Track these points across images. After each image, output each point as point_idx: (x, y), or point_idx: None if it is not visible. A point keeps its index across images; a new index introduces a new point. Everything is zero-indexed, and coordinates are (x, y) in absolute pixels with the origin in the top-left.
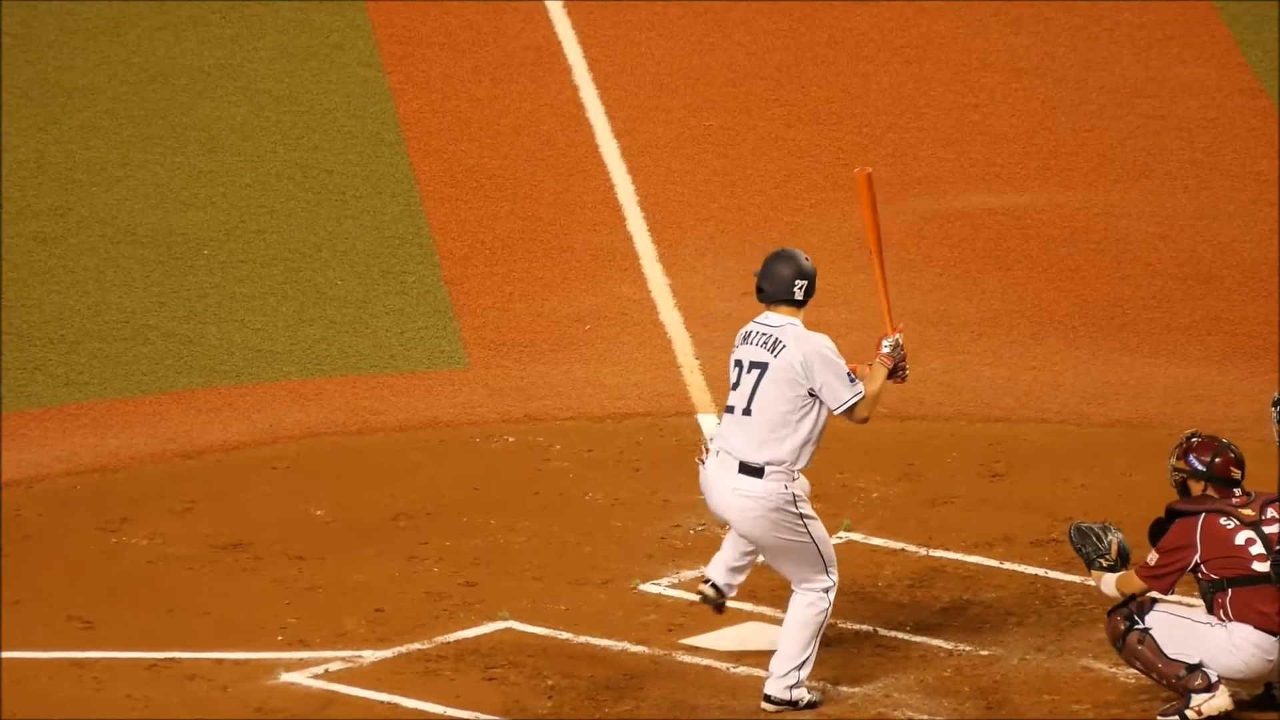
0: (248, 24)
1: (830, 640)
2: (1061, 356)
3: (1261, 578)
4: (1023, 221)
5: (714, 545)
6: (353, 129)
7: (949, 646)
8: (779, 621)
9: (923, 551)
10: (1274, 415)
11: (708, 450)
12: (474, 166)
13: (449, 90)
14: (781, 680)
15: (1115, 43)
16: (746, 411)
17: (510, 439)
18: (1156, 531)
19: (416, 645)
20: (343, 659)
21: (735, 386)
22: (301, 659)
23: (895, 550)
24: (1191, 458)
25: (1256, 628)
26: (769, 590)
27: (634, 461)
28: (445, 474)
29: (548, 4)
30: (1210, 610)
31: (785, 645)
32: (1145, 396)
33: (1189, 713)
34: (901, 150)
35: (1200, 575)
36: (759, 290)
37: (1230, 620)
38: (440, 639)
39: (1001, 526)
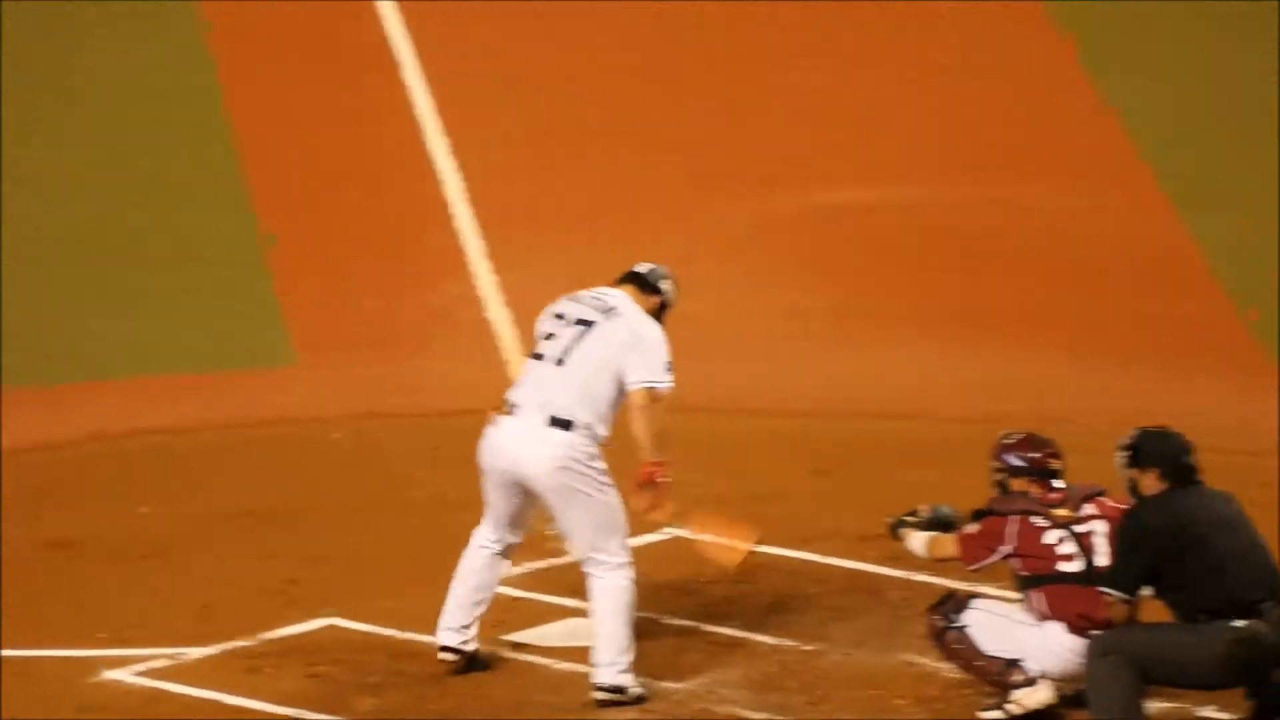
0: (80, 25)
1: (654, 636)
2: (888, 353)
3: (1072, 577)
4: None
5: (542, 541)
6: (182, 126)
7: (773, 642)
8: None
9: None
10: (1121, 459)
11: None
12: (304, 164)
13: (279, 88)
14: (610, 667)
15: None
16: (560, 363)
17: (337, 437)
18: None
19: (241, 642)
20: (166, 656)
21: (549, 338)
22: (125, 656)
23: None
24: (1008, 456)
25: (1069, 629)
26: None
27: (462, 459)
28: (272, 472)
29: (378, 3)
30: (1027, 606)
31: (604, 633)
32: (970, 392)
33: (1010, 706)
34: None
35: (1015, 569)
36: (628, 276)
37: (1047, 618)
38: (264, 636)
39: (827, 522)
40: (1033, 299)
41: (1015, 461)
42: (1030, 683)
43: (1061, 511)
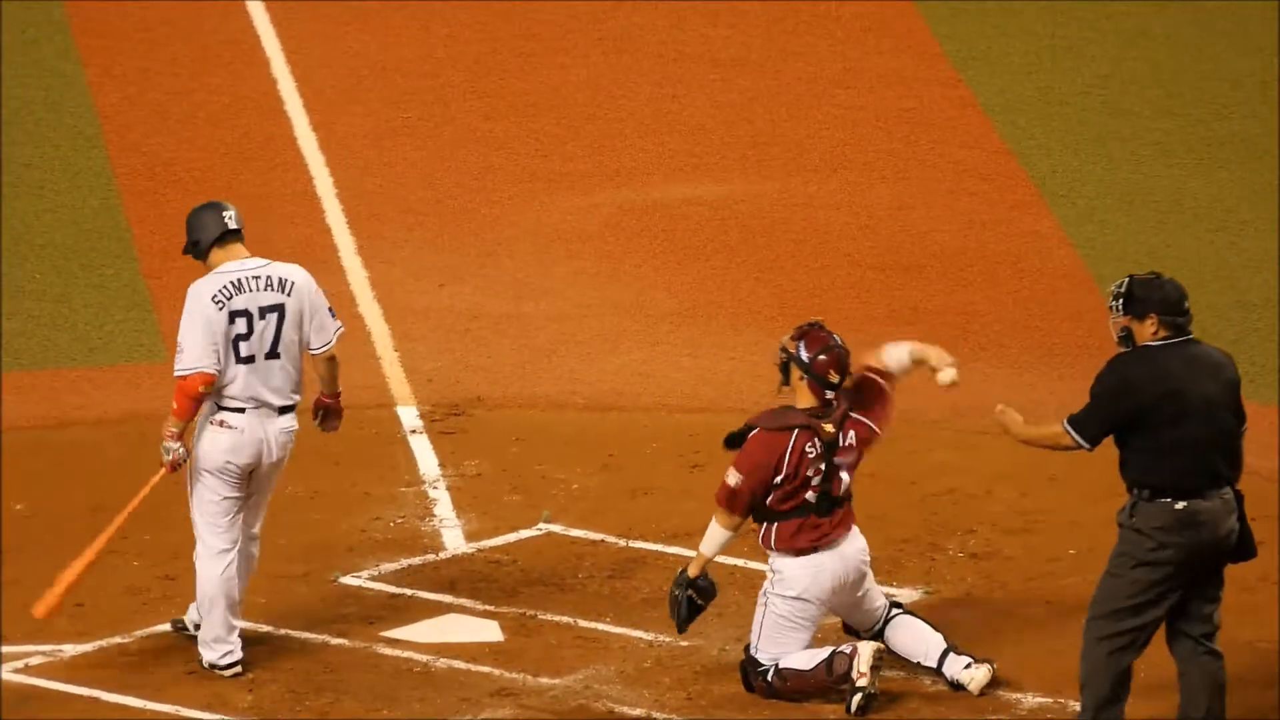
0: None
1: (530, 632)
2: (760, 347)
3: (808, 508)
4: (721, 212)
5: (416, 537)
6: (50, 122)
7: (649, 637)
8: (479, 613)
9: (622, 543)
10: (1115, 308)
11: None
12: (172, 160)
13: (146, 83)
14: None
15: (812, 34)
16: (274, 354)
17: None
18: (735, 442)
19: (117, 639)
20: (43, 653)
21: (246, 337)
22: (1, 653)
23: (595, 541)
24: (800, 346)
25: (794, 555)
26: (469, 584)
27: (334, 454)
28: (146, 468)
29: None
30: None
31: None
32: None
33: (859, 687)
34: (600, 141)
35: (763, 501)
36: (194, 244)
37: (774, 551)
38: (141, 633)
39: (702, 517)
40: (882, 297)
41: (803, 354)
42: (854, 655)
43: (829, 428)
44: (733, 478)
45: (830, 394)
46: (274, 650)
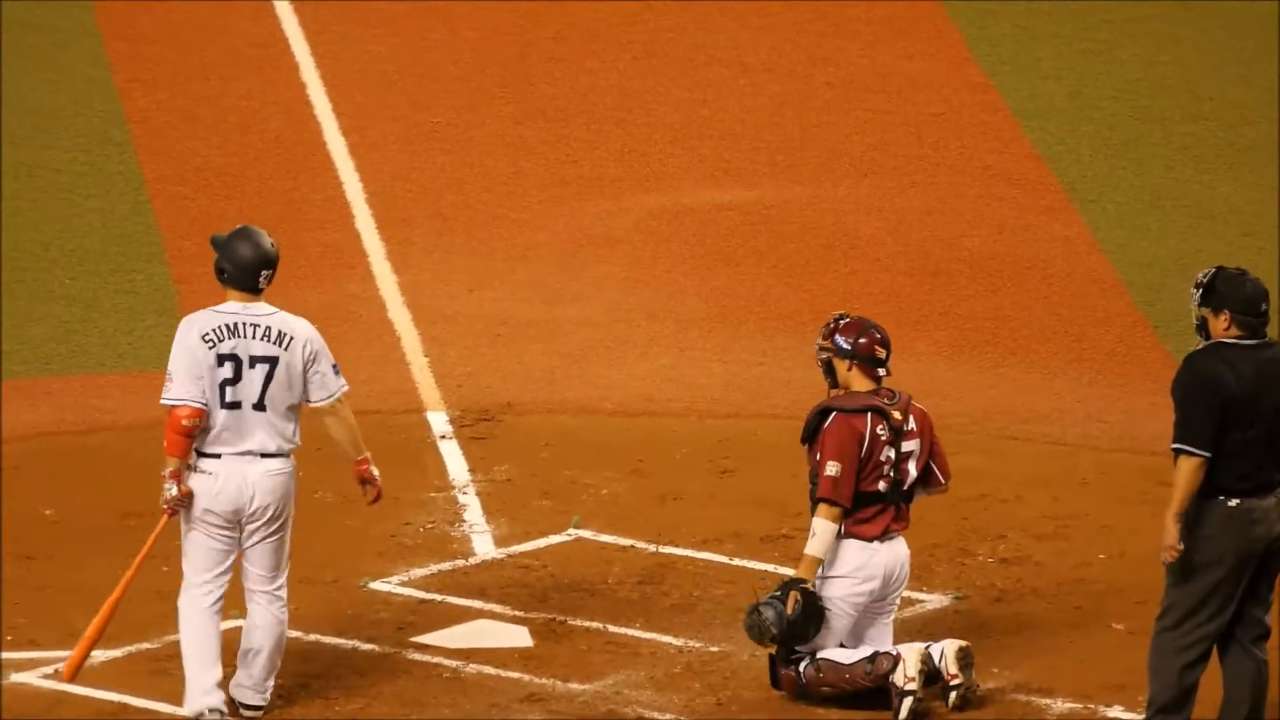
0: None
1: (560, 637)
2: (790, 352)
3: (877, 497)
4: (751, 217)
5: (446, 543)
6: (80, 127)
7: (679, 643)
8: (509, 619)
9: (652, 548)
10: (1194, 296)
11: (177, 475)
12: (202, 165)
13: (176, 88)
14: (265, 685)
15: (842, 38)
16: (260, 406)
17: None
18: (810, 436)
19: (146, 645)
20: None
21: (233, 382)
22: (31, 659)
23: (625, 547)
24: (838, 338)
25: (860, 540)
26: (498, 589)
27: None
28: None
29: (274, 1)
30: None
31: (271, 660)
32: None
33: (908, 693)
34: (630, 146)
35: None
36: (220, 272)
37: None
38: (170, 638)
39: (731, 523)
40: (912, 301)
41: (843, 344)
42: (897, 661)
43: (897, 414)
44: (831, 468)
45: (882, 373)
46: (304, 656)
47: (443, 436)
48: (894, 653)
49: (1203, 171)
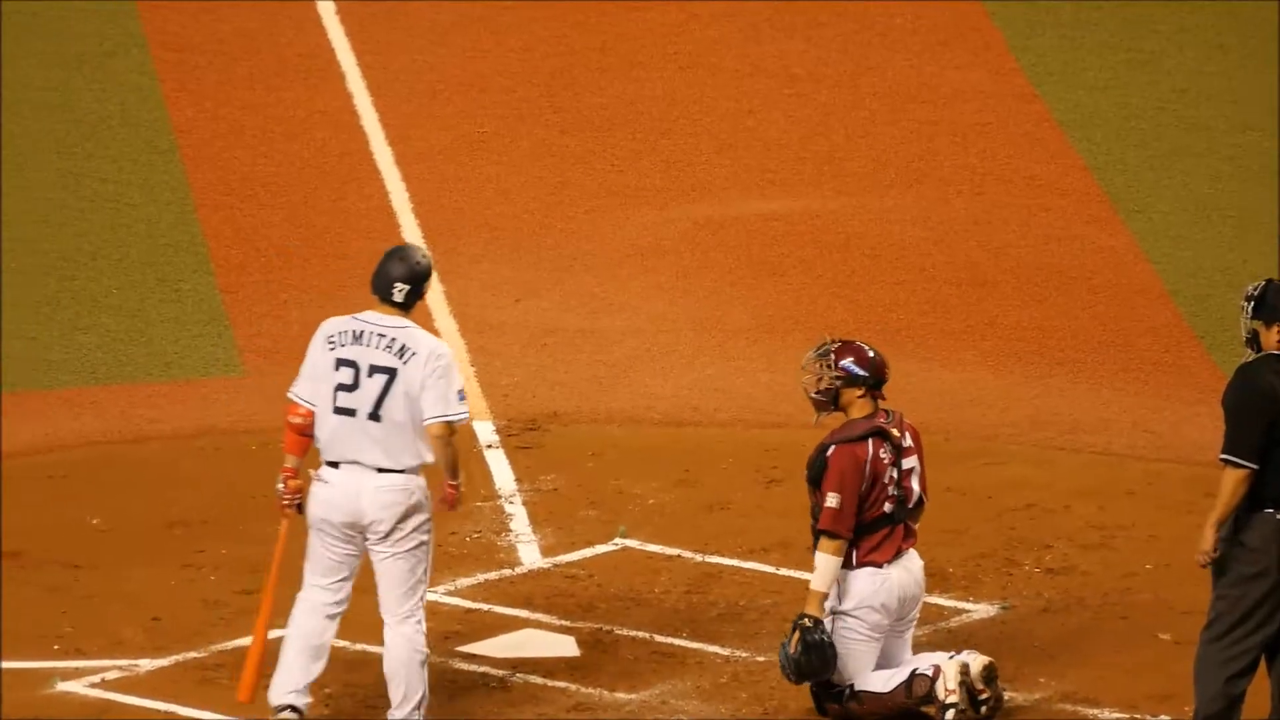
0: (17, 32)
1: (606, 647)
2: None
3: (885, 520)
4: (797, 227)
5: (493, 552)
6: (126, 137)
7: (725, 652)
8: (555, 628)
9: (699, 558)
10: (1245, 309)
11: (291, 472)
12: (248, 174)
13: (222, 97)
14: (406, 713)
15: (888, 48)
16: (375, 417)
17: None
18: (816, 472)
19: (193, 653)
20: (119, 667)
21: (349, 389)
22: (78, 668)
23: (671, 556)
24: (848, 364)
25: (873, 568)
26: (545, 598)
27: None
28: (222, 482)
29: (320, 10)
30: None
31: (403, 686)
32: (920, 401)
33: (944, 697)
34: (676, 156)
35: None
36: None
37: (849, 570)
38: (217, 647)
39: (778, 532)
40: (958, 312)
41: (857, 370)
42: (936, 674)
43: (896, 433)
44: (832, 499)
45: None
46: (350, 665)
47: (489, 446)
48: (929, 671)
49: (1249, 182)
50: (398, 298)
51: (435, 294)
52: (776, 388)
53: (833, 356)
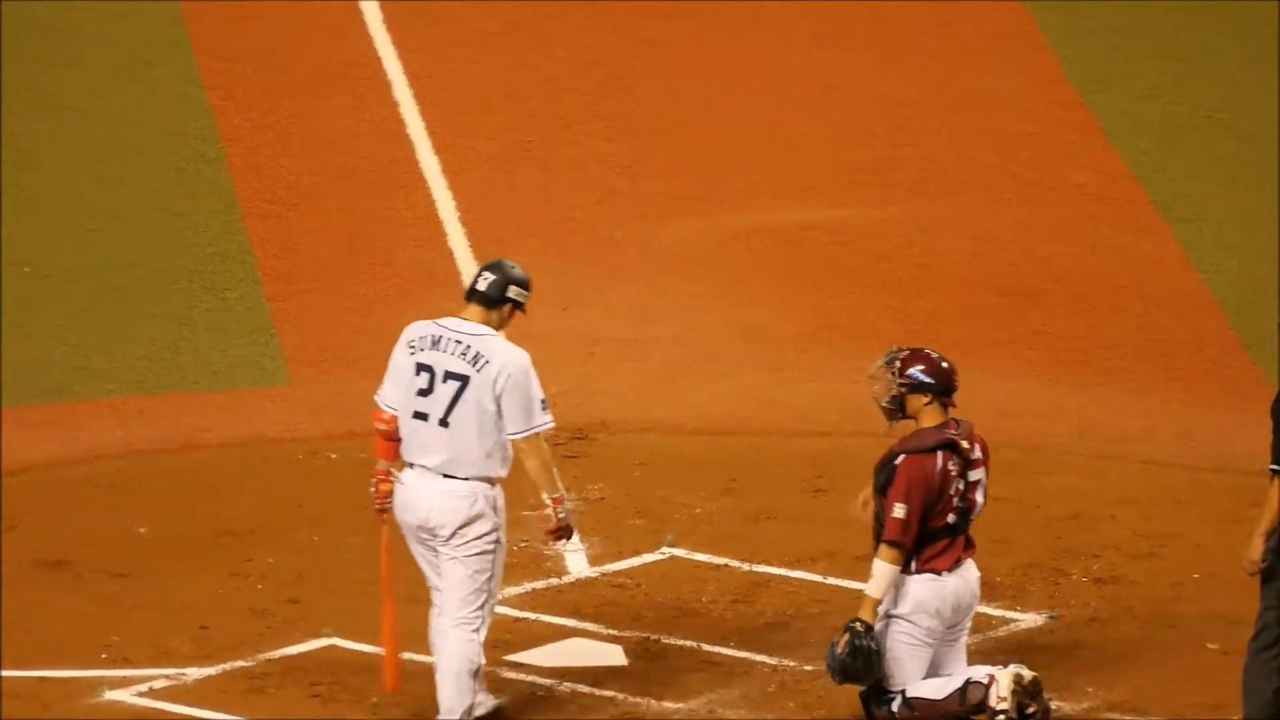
0: (63, 40)
1: (654, 656)
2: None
3: (946, 530)
4: (841, 236)
5: (540, 561)
6: (172, 145)
7: (773, 661)
8: (602, 637)
9: (746, 567)
10: None
11: (383, 475)
12: (294, 183)
13: (269, 106)
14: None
15: (933, 57)
16: (444, 423)
17: (333, 455)
18: (884, 474)
19: (241, 663)
20: (167, 676)
21: (425, 393)
22: (125, 677)
23: (718, 566)
24: (915, 372)
25: (933, 575)
26: (592, 607)
27: None
28: (269, 491)
29: (366, 20)
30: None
31: (451, 691)
32: (967, 411)
33: (999, 705)
34: (720, 165)
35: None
36: (473, 293)
37: (908, 577)
38: (264, 656)
39: (825, 542)
40: (1004, 321)
41: (923, 378)
42: (990, 682)
43: (965, 444)
44: (899, 510)
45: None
46: (400, 674)
47: None
48: (984, 679)
49: None
50: (480, 285)
51: None
52: (822, 397)
53: (899, 364)
